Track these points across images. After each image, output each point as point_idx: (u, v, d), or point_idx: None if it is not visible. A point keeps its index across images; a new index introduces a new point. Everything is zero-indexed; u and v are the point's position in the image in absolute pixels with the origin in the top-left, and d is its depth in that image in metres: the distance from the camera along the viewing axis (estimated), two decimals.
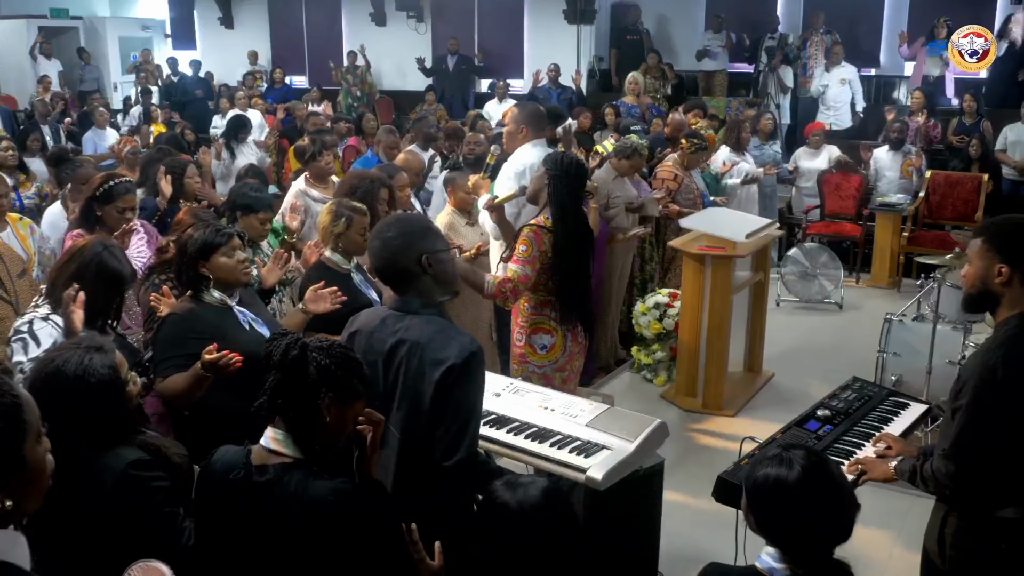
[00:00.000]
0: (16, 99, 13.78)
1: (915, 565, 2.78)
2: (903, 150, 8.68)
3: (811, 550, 2.05)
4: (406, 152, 6.28)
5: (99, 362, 2.28)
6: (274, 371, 2.17)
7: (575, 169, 3.92)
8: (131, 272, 3.23)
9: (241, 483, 2.13)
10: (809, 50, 11.30)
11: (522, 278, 3.83)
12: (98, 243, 3.17)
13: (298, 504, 2.08)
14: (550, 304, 3.95)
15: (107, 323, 3.12)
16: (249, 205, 4.17)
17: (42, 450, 1.57)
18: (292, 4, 15.24)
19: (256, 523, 2.12)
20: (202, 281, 3.11)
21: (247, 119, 9.22)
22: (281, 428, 2.17)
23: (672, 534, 3.86)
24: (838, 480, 2.09)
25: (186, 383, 2.86)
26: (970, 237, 2.66)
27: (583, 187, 3.99)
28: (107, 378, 2.28)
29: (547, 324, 3.99)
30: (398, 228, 2.64)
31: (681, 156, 6.75)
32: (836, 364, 5.87)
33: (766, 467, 2.09)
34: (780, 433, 3.18)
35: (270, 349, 2.18)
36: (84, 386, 2.24)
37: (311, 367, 2.12)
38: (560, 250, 3.85)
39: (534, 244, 3.84)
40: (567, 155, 4.02)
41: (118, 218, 4.04)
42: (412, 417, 2.51)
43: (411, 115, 11.42)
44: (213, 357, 2.77)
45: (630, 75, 9.75)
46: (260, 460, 2.16)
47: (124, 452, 2.29)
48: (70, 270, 3.06)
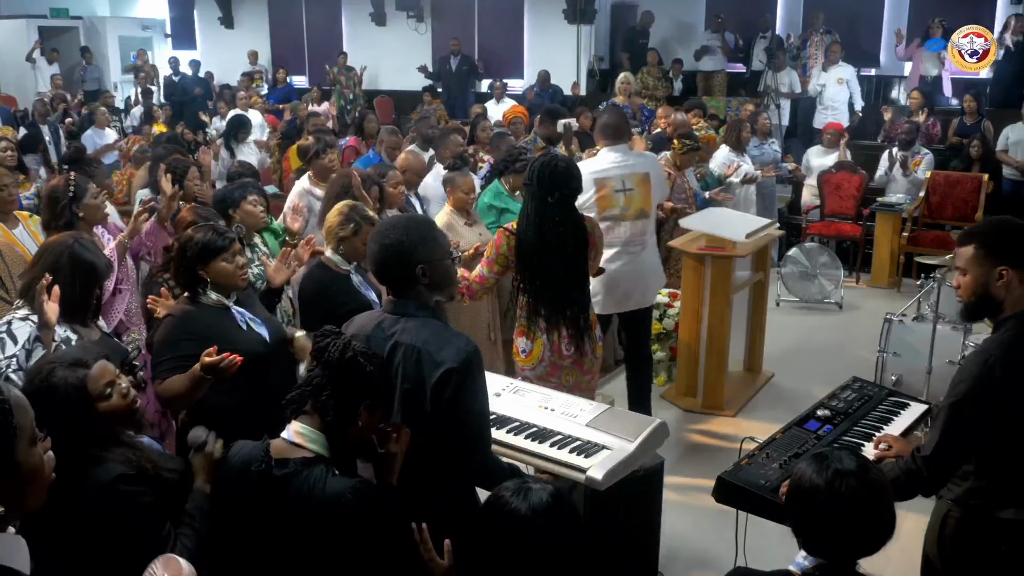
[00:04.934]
0: (16, 99, 13.78)
1: (915, 565, 2.78)
2: (912, 150, 8.67)
3: (833, 555, 2.04)
4: (407, 152, 6.28)
5: (65, 377, 2.21)
6: (321, 369, 2.19)
7: (547, 172, 3.82)
8: (106, 263, 3.17)
9: (261, 476, 2.16)
10: (809, 50, 11.30)
11: (477, 278, 3.98)
12: (68, 236, 3.14)
13: (317, 498, 2.11)
14: (530, 307, 3.93)
15: (87, 317, 3.07)
16: (234, 199, 4.21)
17: (38, 452, 1.55)
18: (292, 4, 15.25)
19: (274, 515, 2.14)
20: (200, 283, 3.10)
21: (247, 119, 9.21)
22: (309, 424, 2.19)
23: (672, 534, 3.86)
24: (874, 487, 2.03)
25: (185, 385, 2.84)
26: (956, 246, 2.59)
27: (560, 188, 3.82)
28: (72, 394, 2.20)
29: (526, 327, 3.97)
30: (397, 234, 2.59)
31: (673, 156, 6.74)
32: (836, 364, 5.87)
33: (804, 465, 2.08)
34: (780, 433, 3.17)
35: (324, 345, 2.20)
36: (47, 400, 2.14)
37: (363, 373, 2.18)
38: (522, 254, 3.85)
39: (495, 246, 3.94)
40: (543, 158, 3.95)
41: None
42: (411, 419, 2.52)
43: (412, 115, 11.42)
44: (213, 360, 2.75)
45: (621, 75, 9.75)
46: (280, 453, 2.19)
47: (110, 467, 2.22)
48: (43, 267, 3.01)
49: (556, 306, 3.88)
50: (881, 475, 2.12)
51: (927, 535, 2.67)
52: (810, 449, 2.96)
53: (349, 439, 2.21)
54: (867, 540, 2.03)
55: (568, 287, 3.90)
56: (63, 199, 4.12)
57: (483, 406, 2.56)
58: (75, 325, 3.02)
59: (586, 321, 3.95)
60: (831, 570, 2.04)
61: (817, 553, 2.06)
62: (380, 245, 2.60)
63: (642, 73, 11.47)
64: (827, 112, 10.59)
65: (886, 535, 2.04)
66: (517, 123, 7.53)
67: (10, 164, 6.26)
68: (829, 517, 2.01)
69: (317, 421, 2.20)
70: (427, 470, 2.52)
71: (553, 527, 2.01)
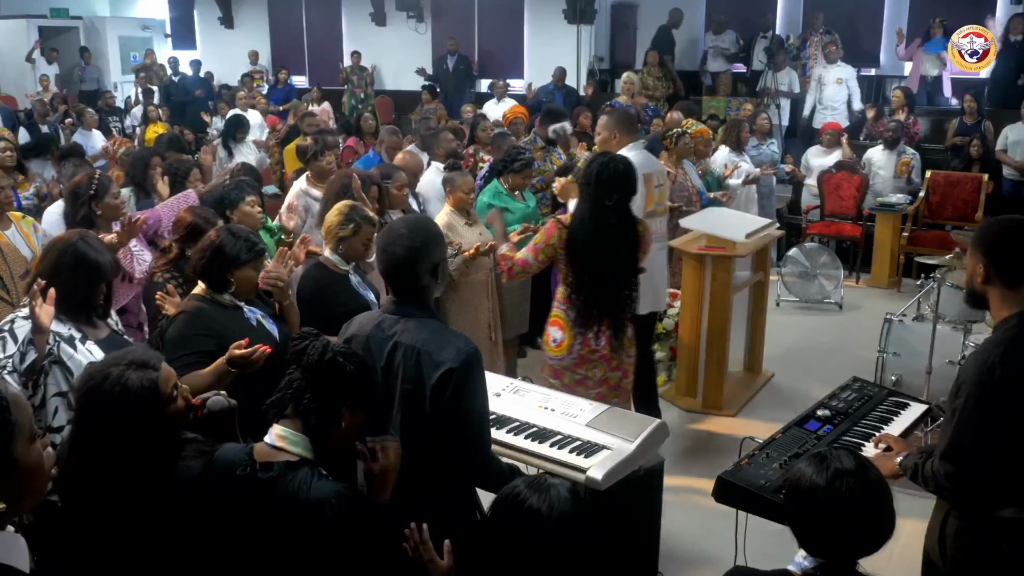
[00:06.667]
0: (16, 99, 13.78)
1: (915, 565, 2.78)
2: (897, 149, 8.69)
3: (833, 555, 2.03)
4: (405, 152, 6.28)
5: (140, 379, 2.18)
6: (301, 372, 2.17)
7: (606, 174, 3.82)
8: (110, 261, 3.14)
9: (245, 479, 2.13)
10: (809, 50, 11.30)
11: (520, 262, 4.00)
12: (73, 234, 3.12)
13: (301, 501, 2.08)
14: (571, 300, 3.94)
15: (93, 315, 3.05)
16: (232, 200, 4.21)
17: (37, 449, 1.55)
18: (292, 4, 15.24)
19: (258, 519, 2.12)
20: (227, 285, 3.11)
21: (245, 119, 9.21)
22: (291, 427, 2.17)
23: (672, 534, 3.86)
24: (874, 487, 2.03)
25: (207, 381, 2.80)
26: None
27: (618, 191, 3.82)
28: (146, 396, 2.18)
29: (562, 319, 4.00)
30: (419, 235, 2.61)
31: (669, 153, 6.74)
32: (836, 364, 5.87)
33: (804, 465, 2.07)
34: (780, 433, 3.17)
35: (301, 348, 2.17)
36: (121, 405, 2.15)
37: (343, 374, 2.14)
38: (572, 251, 3.86)
39: (546, 236, 3.95)
40: (602, 159, 3.93)
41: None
42: (411, 420, 2.52)
43: (412, 115, 11.42)
44: (244, 352, 2.74)
45: (624, 75, 9.76)
46: (264, 457, 2.16)
47: (191, 465, 2.22)
48: (47, 264, 3.00)
49: (604, 305, 3.90)
50: (881, 475, 2.12)
51: (928, 534, 2.67)
52: (810, 449, 2.96)
53: (333, 441, 2.18)
54: (867, 540, 2.03)
55: (619, 287, 3.92)
56: (84, 195, 4.14)
57: (483, 406, 2.56)
58: (79, 323, 2.99)
59: (624, 319, 4.00)
60: (831, 570, 2.04)
61: (817, 553, 2.05)
62: (403, 247, 2.59)
63: (643, 73, 11.47)
64: (827, 112, 10.59)
65: (886, 535, 2.04)
66: (517, 123, 7.53)
67: (9, 165, 6.26)
68: (829, 517, 2.00)
69: (299, 424, 2.16)
70: (427, 471, 2.52)
71: (574, 524, 1.97)
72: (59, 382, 2.88)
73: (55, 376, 2.88)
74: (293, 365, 2.20)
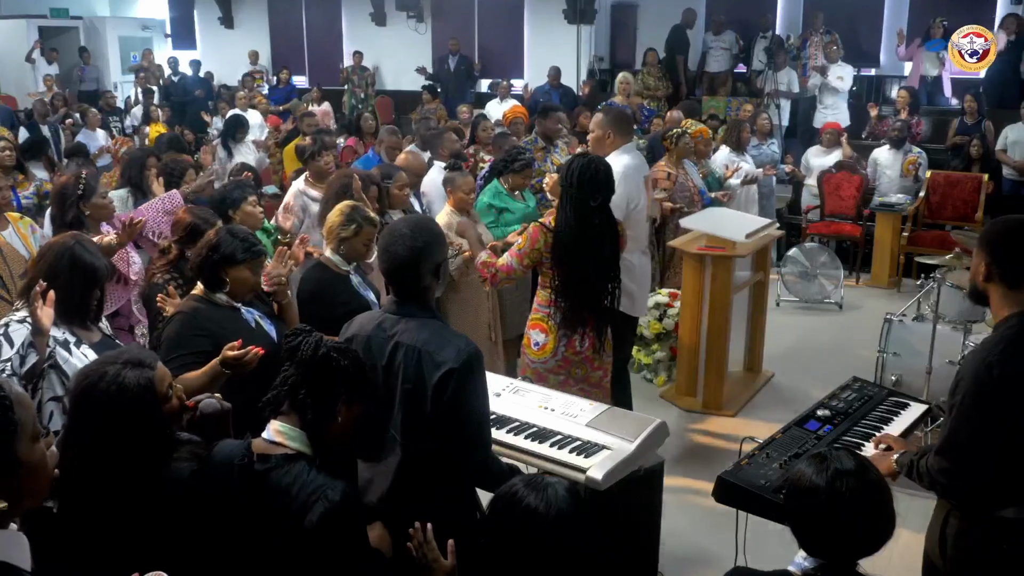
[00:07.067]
0: (16, 99, 13.78)
1: (916, 565, 2.78)
2: (903, 149, 8.69)
3: (833, 555, 2.03)
4: (406, 153, 6.27)
5: (136, 378, 2.19)
6: (295, 368, 2.18)
7: (588, 175, 3.80)
8: (105, 265, 3.14)
9: (242, 470, 2.15)
10: (809, 50, 11.30)
11: (504, 268, 3.94)
12: (69, 237, 3.11)
13: (296, 493, 2.10)
14: (554, 303, 3.93)
15: (87, 319, 3.04)
16: (234, 200, 4.20)
17: (40, 448, 1.55)
18: (292, 4, 15.25)
19: (254, 508, 2.13)
20: (220, 284, 3.10)
21: (244, 119, 9.21)
22: (289, 423, 2.18)
23: (672, 534, 3.86)
24: (874, 488, 2.03)
25: (201, 381, 2.80)
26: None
27: (602, 192, 3.81)
28: (142, 395, 2.19)
29: (544, 322, 3.97)
30: (421, 235, 2.61)
31: (670, 153, 6.74)
32: (836, 364, 5.87)
33: (804, 465, 2.07)
34: (780, 433, 3.17)
35: (295, 345, 2.18)
36: (117, 404, 2.16)
37: (337, 369, 2.16)
38: (557, 253, 3.84)
39: (530, 240, 3.88)
40: (581, 160, 3.90)
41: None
42: (412, 420, 2.52)
43: (412, 115, 11.42)
44: (237, 353, 2.74)
45: (620, 75, 9.75)
46: (261, 451, 2.18)
47: (182, 465, 2.23)
48: (43, 268, 2.99)
49: (589, 305, 3.88)
50: (881, 475, 2.12)
51: (928, 535, 2.67)
52: (810, 449, 2.96)
53: (330, 436, 2.20)
54: (867, 540, 2.03)
55: (603, 287, 3.91)
56: (71, 196, 4.12)
57: (483, 406, 2.57)
58: (74, 327, 2.98)
59: (607, 320, 3.97)
60: (831, 570, 2.04)
61: (817, 553, 2.05)
62: (407, 247, 2.59)
63: (642, 73, 11.47)
64: (827, 112, 10.59)
65: (886, 535, 2.04)
66: (517, 123, 7.53)
67: (8, 164, 6.26)
68: (829, 517, 2.00)
69: (296, 419, 2.18)
70: (427, 471, 2.52)
71: (572, 523, 1.97)
72: (54, 386, 2.86)
73: (50, 380, 2.86)
74: (288, 361, 2.22)
